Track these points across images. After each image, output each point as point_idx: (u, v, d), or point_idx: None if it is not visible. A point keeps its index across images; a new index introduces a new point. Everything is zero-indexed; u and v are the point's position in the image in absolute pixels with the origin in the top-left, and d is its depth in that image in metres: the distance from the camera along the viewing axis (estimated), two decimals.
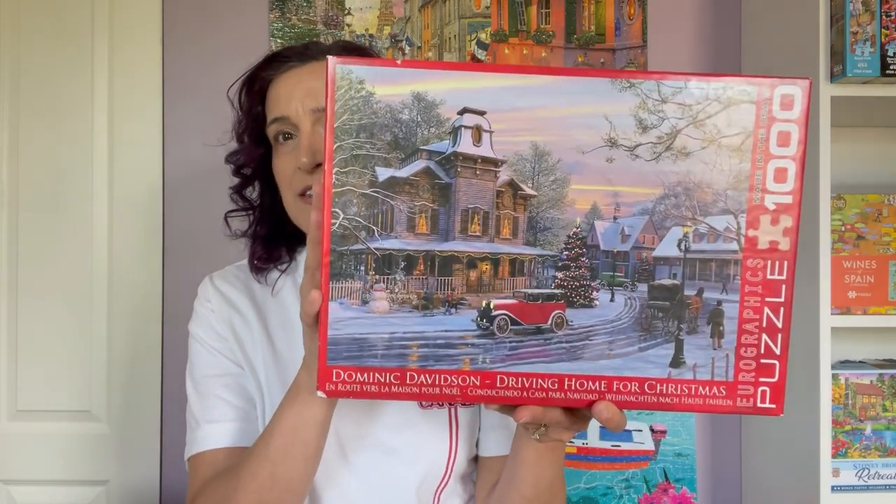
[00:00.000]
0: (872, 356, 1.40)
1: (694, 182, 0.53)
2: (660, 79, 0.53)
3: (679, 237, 0.55)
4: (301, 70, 0.91)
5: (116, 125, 1.49)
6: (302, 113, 0.89)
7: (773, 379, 0.54)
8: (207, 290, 0.97)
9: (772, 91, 0.53)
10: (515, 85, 0.53)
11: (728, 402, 0.54)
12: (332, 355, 0.56)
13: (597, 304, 0.56)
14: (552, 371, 0.55)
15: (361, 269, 0.56)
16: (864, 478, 1.23)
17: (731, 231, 0.54)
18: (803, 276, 1.18)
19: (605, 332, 0.56)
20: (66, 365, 1.48)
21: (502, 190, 0.56)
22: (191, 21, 1.51)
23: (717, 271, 0.54)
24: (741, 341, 0.55)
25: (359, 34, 1.50)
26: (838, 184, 1.36)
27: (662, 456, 1.47)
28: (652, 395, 0.55)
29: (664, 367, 0.55)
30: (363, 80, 0.54)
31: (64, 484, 1.48)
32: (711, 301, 0.55)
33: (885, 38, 1.11)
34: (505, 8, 1.51)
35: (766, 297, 0.54)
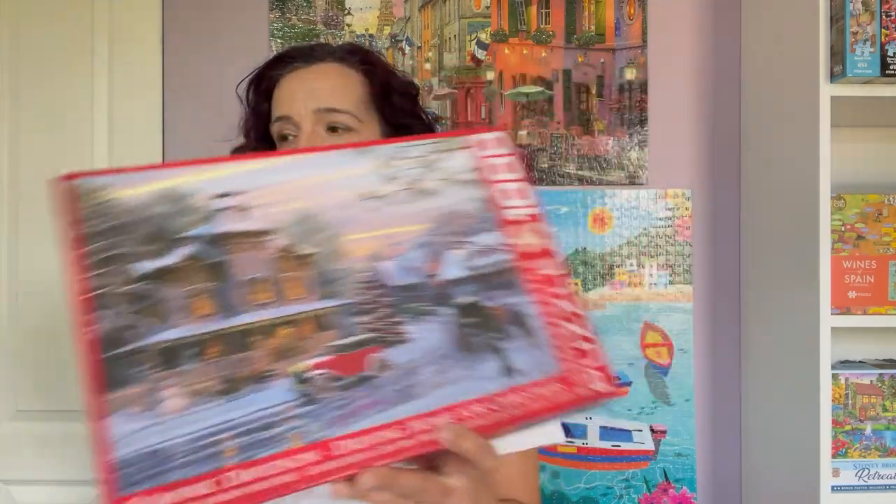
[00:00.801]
0: (872, 356, 1.40)
1: (451, 212, 0.58)
2: (389, 143, 0.60)
3: (459, 259, 0.57)
4: (305, 71, 0.92)
5: (116, 125, 1.49)
6: (304, 114, 0.90)
7: (597, 361, 0.55)
8: None
9: (479, 138, 0.62)
10: (264, 167, 0.56)
11: (569, 394, 0.54)
12: (124, 482, 0.45)
13: (411, 338, 0.54)
14: (392, 418, 0.50)
15: (142, 370, 0.49)
16: (864, 478, 1.23)
17: (499, 244, 0.58)
18: (803, 276, 1.18)
19: (429, 362, 0.53)
20: (66, 365, 1.48)
21: (280, 255, 0.54)
22: (191, 21, 1.51)
23: (503, 280, 0.57)
24: (552, 333, 0.55)
25: (359, 34, 1.50)
26: (838, 184, 1.36)
27: (662, 456, 1.47)
28: (501, 411, 0.52)
29: (498, 379, 0.53)
30: (107, 186, 0.53)
31: (64, 484, 1.48)
32: (510, 305, 0.56)
33: (885, 38, 1.11)
34: (505, 8, 1.51)
35: (554, 289, 0.57)
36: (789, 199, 1.25)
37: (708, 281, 1.50)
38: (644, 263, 1.49)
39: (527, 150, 1.50)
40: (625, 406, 1.48)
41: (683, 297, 1.49)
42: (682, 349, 1.48)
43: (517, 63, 1.50)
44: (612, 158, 1.50)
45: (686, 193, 1.49)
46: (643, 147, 1.50)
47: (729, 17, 1.50)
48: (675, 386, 1.48)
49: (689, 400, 1.48)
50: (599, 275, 1.49)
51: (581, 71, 1.50)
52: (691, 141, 1.51)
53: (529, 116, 1.50)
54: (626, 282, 1.49)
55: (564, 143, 1.50)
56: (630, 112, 1.50)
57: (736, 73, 1.50)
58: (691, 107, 1.51)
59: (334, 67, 0.93)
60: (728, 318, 1.50)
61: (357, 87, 0.94)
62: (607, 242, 1.49)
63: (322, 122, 0.91)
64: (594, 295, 1.49)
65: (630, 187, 1.49)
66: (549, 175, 1.50)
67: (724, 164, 1.50)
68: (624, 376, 1.48)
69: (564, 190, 1.49)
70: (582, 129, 1.50)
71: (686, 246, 1.49)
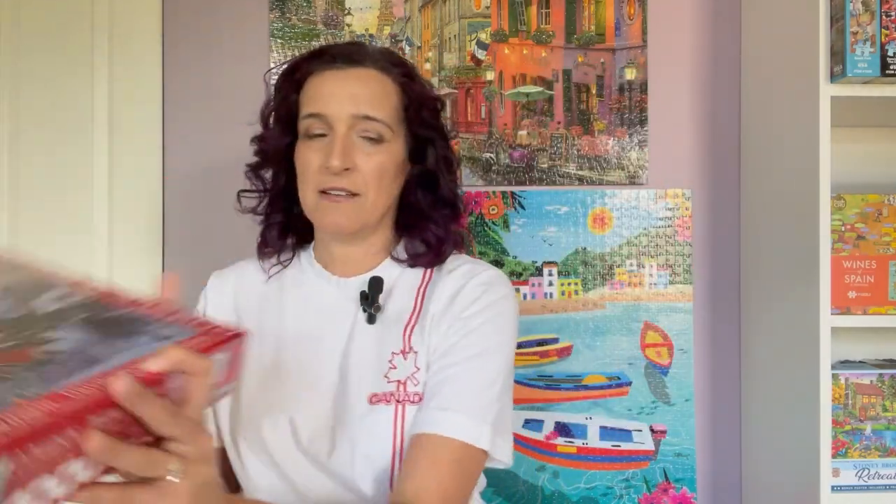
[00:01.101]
0: (872, 356, 1.40)
1: None
2: None
3: (51, 296, 0.63)
4: (346, 73, 0.93)
5: (116, 125, 1.49)
6: (341, 116, 0.91)
7: (215, 323, 0.60)
8: (202, 297, 1.04)
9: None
10: None
11: (213, 338, 0.58)
12: None
13: (59, 337, 0.56)
14: (86, 377, 0.51)
15: None
16: (864, 478, 1.23)
17: (73, 291, 0.64)
18: (803, 276, 1.18)
19: (92, 344, 0.56)
20: None
21: None
22: (191, 21, 1.51)
23: (98, 304, 0.63)
24: (172, 319, 0.61)
25: (359, 34, 1.50)
26: (838, 184, 1.36)
27: (662, 456, 1.47)
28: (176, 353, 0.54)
29: (156, 343, 0.56)
30: None
31: None
32: (123, 314, 0.62)
33: (885, 38, 1.11)
34: (505, 8, 1.51)
35: (144, 302, 0.63)
36: (789, 199, 1.25)
37: (708, 281, 1.50)
38: (644, 263, 1.49)
39: (527, 149, 1.50)
40: (625, 406, 1.48)
41: (683, 297, 1.49)
42: (682, 349, 1.48)
43: (517, 63, 1.50)
44: (612, 158, 1.50)
45: (686, 193, 1.49)
46: (643, 147, 1.50)
47: (729, 17, 1.50)
48: (675, 386, 1.48)
49: (689, 400, 1.48)
50: (599, 275, 1.49)
51: (581, 71, 1.50)
52: (691, 141, 1.51)
53: (529, 116, 1.50)
54: (626, 282, 1.49)
55: (564, 143, 1.50)
56: (630, 112, 1.50)
57: (736, 73, 1.50)
58: (691, 107, 1.51)
59: (374, 74, 0.94)
60: (728, 318, 1.50)
61: (393, 98, 0.95)
62: (607, 242, 1.49)
63: (356, 127, 0.92)
64: (594, 295, 1.49)
65: (630, 187, 1.49)
66: (549, 175, 1.50)
67: (724, 164, 1.50)
68: (624, 376, 1.48)
69: (564, 190, 1.49)
70: (582, 129, 1.50)
71: (686, 246, 1.49)
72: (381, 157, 0.93)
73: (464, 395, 0.88)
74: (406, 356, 0.92)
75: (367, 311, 0.94)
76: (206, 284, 1.04)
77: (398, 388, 0.90)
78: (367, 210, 0.93)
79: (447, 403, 0.87)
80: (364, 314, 0.95)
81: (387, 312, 0.95)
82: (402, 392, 0.89)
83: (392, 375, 0.91)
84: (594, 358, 1.48)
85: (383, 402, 0.89)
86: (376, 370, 0.91)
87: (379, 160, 0.93)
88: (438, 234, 0.98)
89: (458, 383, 0.88)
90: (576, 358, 1.47)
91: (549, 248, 1.49)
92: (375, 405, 0.89)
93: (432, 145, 0.99)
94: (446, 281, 0.96)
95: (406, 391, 0.90)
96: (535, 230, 1.49)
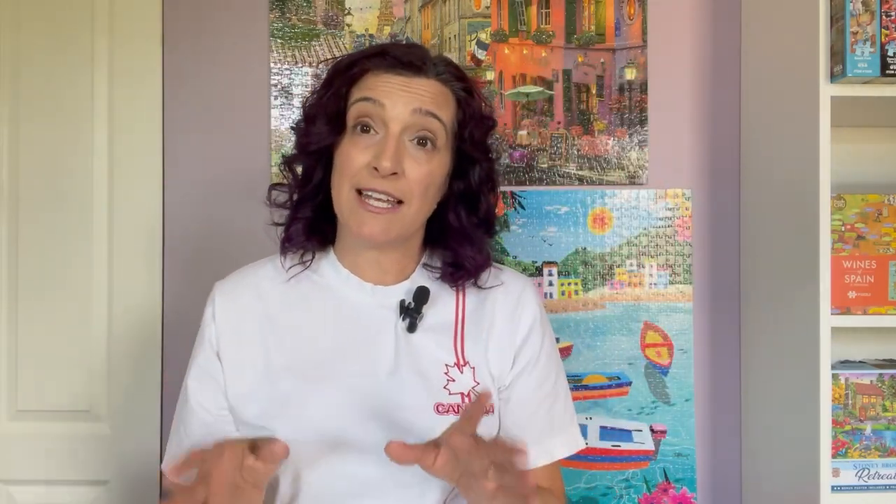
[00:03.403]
0: (872, 356, 1.40)
1: None
2: None
3: None
4: (409, 81, 0.89)
5: (116, 125, 1.49)
6: (400, 110, 0.87)
7: None
8: (209, 309, 0.98)
9: None
10: None
11: None
12: None
13: None
14: None
15: None
16: (864, 478, 1.23)
17: None
18: (803, 276, 1.18)
19: None
20: (66, 365, 1.48)
21: None
22: (191, 21, 1.51)
23: None
24: None
25: (359, 34, 1.50)
26: (838, 184, 1.36)
27: (662, 456, 1.47)
28: None
29: None
30: None
31: (64, 484, 1.48)
32: None
33: (885, 38, 1.11)
34: (505, 8, 1.50)
35: None
36: (789, 199, 1.25)
37: (708, 281, 1.50)
38: (644, 263, 1.49)
39: (527, 149, 1.50)
40: (625, 406, 1.48)
41: (683, 297, 1.49)
42: (682, 349, 1.48)
43: (517, 63, 1.50)
44: (612, 158, 1.50)
45: (686, 193, 1.49)
46: (643, 147, 1.50)
47: (729, 17, 1.50)
48: (675, 386, 1.48)
49: (689, 400, 1.48)
50: (599, 275, 1.49)
51: (581, 71, 1.50)
52: (691, 141, 1.51)
53: (529, 116, 1.50)
54: (626, 282, 1.49)
55: (564, 143, 1.50)
56: (630, 112, 1.50)
57: (736, 73, 1.50)
58: (691, 107, 1.51)
59: (436, 85, 0.91)
60: (728, 318, 1.50)
61: (451, 110, 0.92)
62: (607, 242, 1.49)
63: (411, 129, 0.88)
64: (594, 295, 1.49)
65: (630, 187, 1.49)
66: (549, 175, 1.50)
67: (724, 164, 1.50)
68: (624, 376, 1.48)
69: (564, 190, 1.49)
70: (582, 129, 1.50)
71: (686, 246, 1.49)
72: (431, 167, 0.90)
73: (558, 414, 0.99)
74: (462, 369, 0.94)
75: (412, 319, 0.93)
76: (212, 300, 0.98)
77: (463, 399, 0.92)
78: (408, 220, 0.91)
79: (551, 429, 0.98)
80: (403, 323, 0.93)
81: (425, 321, 0.95)
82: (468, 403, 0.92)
83: (453, 388, 0.92)
84: (594, 358, 1.48)
85: (452, 413, 0.90)
86: (432, 380, 0.92)
87: (428, 169, 0.89)
88: (476, 259, 0.96)
89: (553, 406, 0.99)
90: (576, 358, 1.47)
91: (549, 248, 1.49)
92: (444, 415, 0.90)
93: (478, 164, 0.96)
94: (493, 297, 0.98)
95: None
96: (535, 230, 1.49)
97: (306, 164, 0.95)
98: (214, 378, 0.94)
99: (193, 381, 0.96)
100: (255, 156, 1.49)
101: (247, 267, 1.01)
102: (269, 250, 1.03)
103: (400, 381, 0.91)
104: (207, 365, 0.95)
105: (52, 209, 1.48)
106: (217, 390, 0.94)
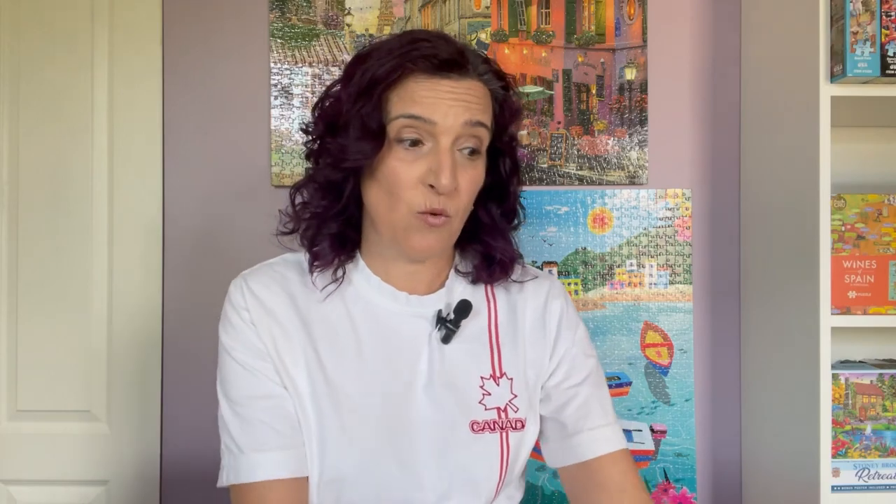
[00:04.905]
0: (872, 356, 1.40)
1: None
2: None
3: None
4: (455, 84, 0.82)
5: (116, 125, 1.49)
6: (451, 124, 0.81)
7: None
8: (243, 296, 0.88)
9: None
10: None
11: None
12: None
13: None
14: None
15: None
16: (864, 478, 1.23)
17: None
18: (803, 276, 1.18)
19: None
20: (66, 365, 1.48)
21: None
22: (191, 21, 1.51)
23: None
24: None
25: (359, 34, 1.50)
26: (838, 184, 1.36)
27: (662, 456, 1.47)
28: None
29: None
30: None
31: (64, 484, 1.48)
32: None
33: (885, 38, 1.11)
34: (505, 8, 1.51)
35: None
36: (789, 199, 1.25)
37: (708, 281, 1.50)
38: (644, 263, 1.49)
39: (527, 149, 1.50)
40: (625, 406, 1.48)
41: (683, 297, 1.49)
42: (682, 349, 1.48)
43: (517, 63, 1.50)
44: (612, 158, 1.50)
45: (686, 193, 1.49)
46: (643, 147, 1.50)
47: (729, 17, 1.50)
48: (675, 386, 1.48)
49: (689, 400, 1.48)
50: (599, 275, 1.49)
51: (581, 71, 1.50)
52: (691, 141, 1.51)
53: (529, 116, 1.50)
54: (626, 282, 1.49)
55: (564, 143, 1.50)
56: (630, 112, 1.50)
57: (736, 73, 1.50)
58: (691, 107, 1.51)
59: (479, 86, 0.85)
60: (728, 318, 1.50)
61: (491, 113, 0.87)
62: (607, 242, 1.49)
63: (465, 136, 0.83)
64: (594, 295, 1.49)
65: (630, 187, 1.49)
66: (549, 175, 1.50)
67: (724, 164, 1.50)
68: (624, 376, 1.48)
69: (564, 190, 1.49)
70: (582, 129, 1.50)
71: (686, 246, 1.49)
72: (476, 173, 0.86)
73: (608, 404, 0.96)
74: (498, 381, 0.90)
75: (449, 330, 0.89)
76: (241, 289, 0.89)
77: (499, 415, 0.89)
78: (454, 232, 0.87)
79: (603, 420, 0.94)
80: (438, 333, 0.89)
81: (459, 331, 0.90)
82: (505, 419, 0.89)
83: (489, 402, 0.89)
84: None
85: (487, 430, 0.88)
86: (467, 395, 0.89)
87: (474, 176, 0.86)
88: (508, 251, 0.93)
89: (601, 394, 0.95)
90: None
91: (549, 248, 1.49)
92: (480, 433, 0.87)
93: (507, 156, 0.92)
94: (523, 300, 0.96)
95: (508, 418, 0.89)
96: (535, 230, 1.49)
97: (335, 177, 0.86)
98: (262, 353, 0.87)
99: (249, 359, 0.86)
100: (255, 156, 1.49)
101: (269, 267, 0.93)
102: (270, 251, 0.97)
103: (434, 396, 0.88)
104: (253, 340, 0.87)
105: (52, 209, 1.48)
106: (269, 367, 0.87)
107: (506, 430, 0.89)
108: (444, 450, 0.86)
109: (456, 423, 0.87)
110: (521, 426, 0.90)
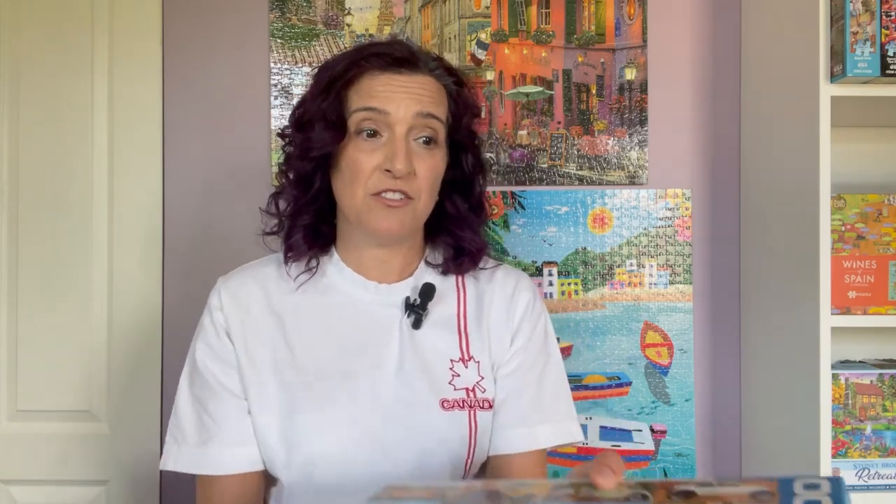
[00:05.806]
0: (872, 356, 1.40)
1: None
2: None
3: None
4: (408, 79, 0.92)
5: (116, 125, 1.49)
6: (403, 115, 0.90)
7: None
8: (214, 298, 0.97)
9: None
10: None
11: None
12: None
13: None
14: None
15: None
16: (864, 478, 1.23)
17: None
18: (803, 276, 1.18)
19: None
20: (66, 365, 1.48)
21: None
22: (191, 21, 1.51)
23: None
24: None
25: (359, 34, 1.50)
26: (838, 184, 1.36)
27: (662, 456, 1.47)
28: None
29: None
30: None
31: (64, 484, 1.48)
32: None
33: (885, 38, 1.11)
34: (505, 8, 1.50)
35: None
36: (789, 199, 1.25)
37: (708, 281, 1.50)
38: (644, 263, 1.49)
39: (527, 149, 1.50)
40: (625, 406, 1.48)
41: (683, 297, 1.49)
42: (682, 349, 1.48)
43: (517, 63, 1.50)
44: (612, 158, 1.50)
45: (686, 193, 1.49)
46: (643, 147, 1.50)
47: (729, 17, 1.50)
48: (675, 386, 1.48)
49: (689, 400, 1.48)
50: (599, 275, 1.49)
51: (581, 71, 1.50)
52: (691, 141, 1.51)
53: (529, 116, 1.50)
54: (626, 282, 1.49)
55: (564, 143, 1.50)
56: (630, 112, 1.50)
57: (736, 73, 1.50)
58: (691, 107, 1.51)
59: (431, 81, 0.94)
60: (728, 318, 1.50)
61: (445, 105, 0.95)
62: (607, 242, 1.49)
63: (414, 129, 0.91)
64: (594, 295, 1.49)
65: (630, 187, 1.49)
66: (549, 175, 1.50)
67: (724, 164, 1.50)
68: (624, 376, 1.48)
69: (564, 190, 1.49)
70: (582, 129, 1.50)
71: (686, 246, 1.49)
72: (434, 162, 0.93)
73: (547, 403, 0.98)
74: (467, 364, 0.96)
75: (417, 315, 0.95)
76: (218, 291, 0.97)
77: (468, 394, 0.94)
78: (418, 215, 0.94)
79: (538, 414, 0.97)
80: (408, 319, 0.95)
81: (429, 318, 0.97)
82: (473, 398, 0.94)
83: (458, 383, 0.95)
84: (594, 358, 1.48)
85: (457, 408, 0.93)
86: (437, 376, 0.94)
87: (432, 164, 0.93)
88: (476, 242, 0.99)
89: (539, 393, 0.98)
90: (576, 358, 1.47)
91: (549, 248, 1.49)
92: (450, 410, 0.93)
93: (469, 151, 0.99)
94: (490, 290, 1.00)
95: (476, 397, 0.95)
96: (535, 230, 1.49)
97: (304, 170, 0.94)
98: (228, 361, 0.94)
99: (210, 363, 0.94)
100: (255, 156, 1.49)
101: (249, 266, 1.01)
102: (269, 252, 1.02)
103: (405, 378, 0.93)
104: (220, 347, 0.95)
105: (52, 209, 1.48)
106: (233, 373, 0.94)
107: (474, 409, 0.94)
108: (414, 426, 0.91)
109: (427, 402, 0.93)
110: (489, 406, 0.96)
